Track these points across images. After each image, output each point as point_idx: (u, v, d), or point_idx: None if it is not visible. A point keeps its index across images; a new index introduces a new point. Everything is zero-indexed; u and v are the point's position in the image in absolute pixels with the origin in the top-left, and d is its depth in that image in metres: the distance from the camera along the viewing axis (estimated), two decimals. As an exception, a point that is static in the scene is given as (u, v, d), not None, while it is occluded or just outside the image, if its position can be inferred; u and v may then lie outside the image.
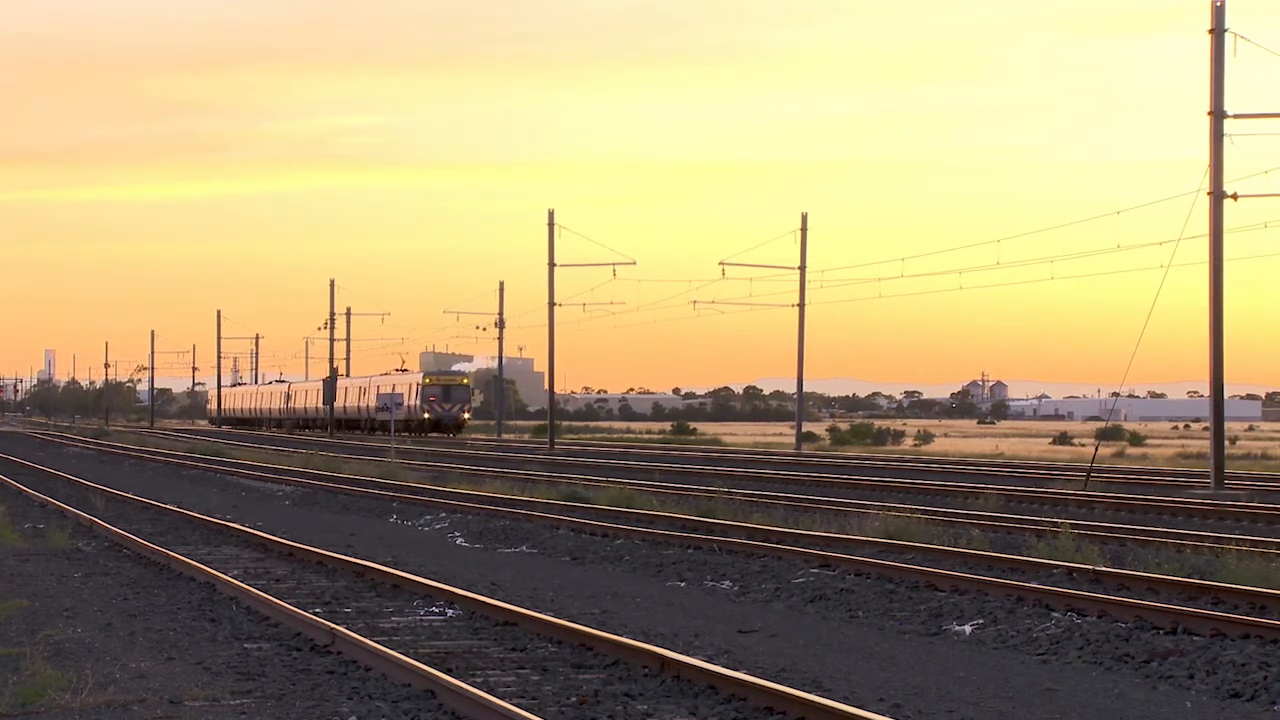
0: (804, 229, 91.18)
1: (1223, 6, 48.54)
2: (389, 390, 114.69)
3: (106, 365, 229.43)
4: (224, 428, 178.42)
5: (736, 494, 42.72)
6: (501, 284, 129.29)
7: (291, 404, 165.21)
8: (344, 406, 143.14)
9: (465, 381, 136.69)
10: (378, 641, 17.28)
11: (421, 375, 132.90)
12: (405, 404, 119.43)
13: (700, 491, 43.83)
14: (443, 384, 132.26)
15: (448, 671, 15.42)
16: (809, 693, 14.11)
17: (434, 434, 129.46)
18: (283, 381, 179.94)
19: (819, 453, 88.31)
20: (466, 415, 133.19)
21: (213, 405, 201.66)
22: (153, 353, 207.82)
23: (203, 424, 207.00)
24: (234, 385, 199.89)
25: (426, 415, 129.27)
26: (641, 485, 46.95)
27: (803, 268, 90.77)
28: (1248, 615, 19.12)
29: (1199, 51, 48.88)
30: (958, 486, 47.27)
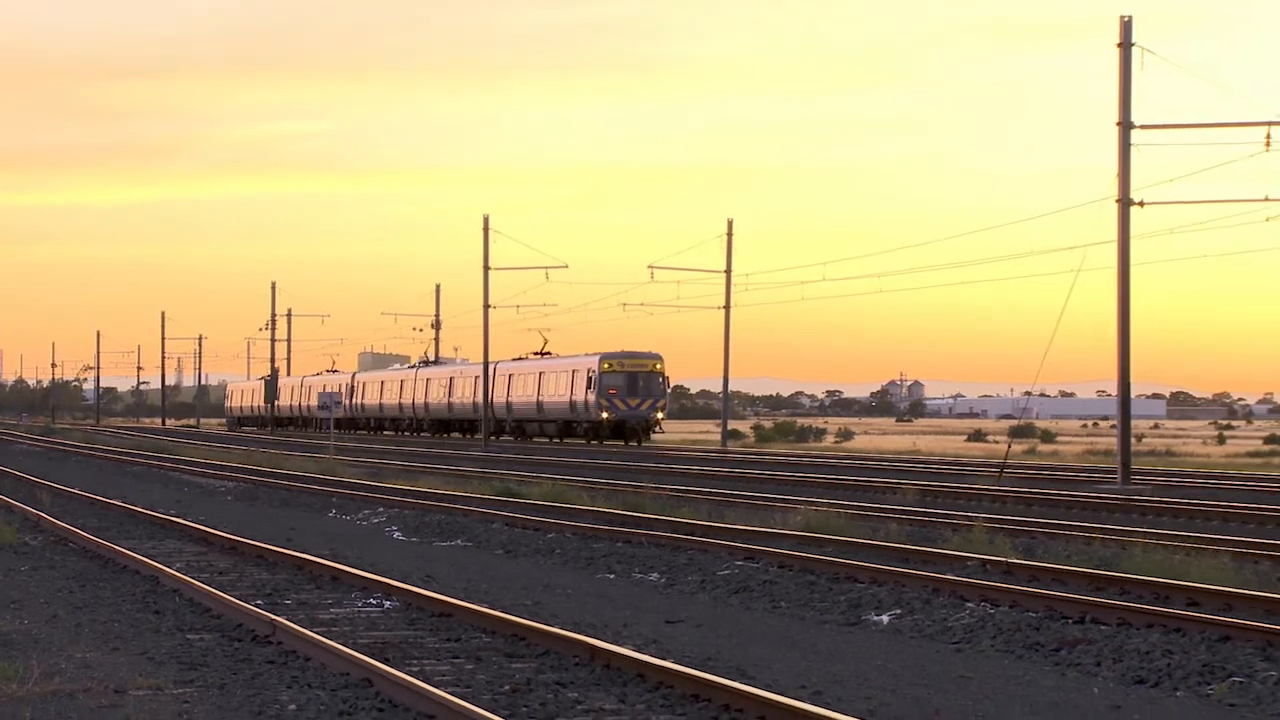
0: (730, 234, 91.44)
1: (1130, 22, 48.85)
2: (554, 376, 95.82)
3: (54, 365, 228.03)
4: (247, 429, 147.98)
5: (664, 489, 42.73)
6: (438, 287, 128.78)
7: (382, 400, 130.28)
8: (414, 403, 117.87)
9: (659, 367, 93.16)
10: (317, 632, 17.24)
11: (598, 359, 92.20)
12: (569, 399, 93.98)
13: (629, 487, 43.83)
14: (629, 370, 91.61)
15: (385, 661, 15.39)
16: (733, 680, 14.14)
17: (616, 440, 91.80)
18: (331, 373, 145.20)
19: (744, 450, 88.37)
20: (661, 415, 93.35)
21: (236, 403, 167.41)
22: (98, 353, 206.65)
23: (151, 422, 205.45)
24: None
25: (605, 415, 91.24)
26: (573, 481, 46.90)
27: (729, 271, 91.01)
28: (1152, 605, 19.24)
29: (1108, 64, 49.17)
30: (877, 482, 47.41)
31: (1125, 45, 48.72)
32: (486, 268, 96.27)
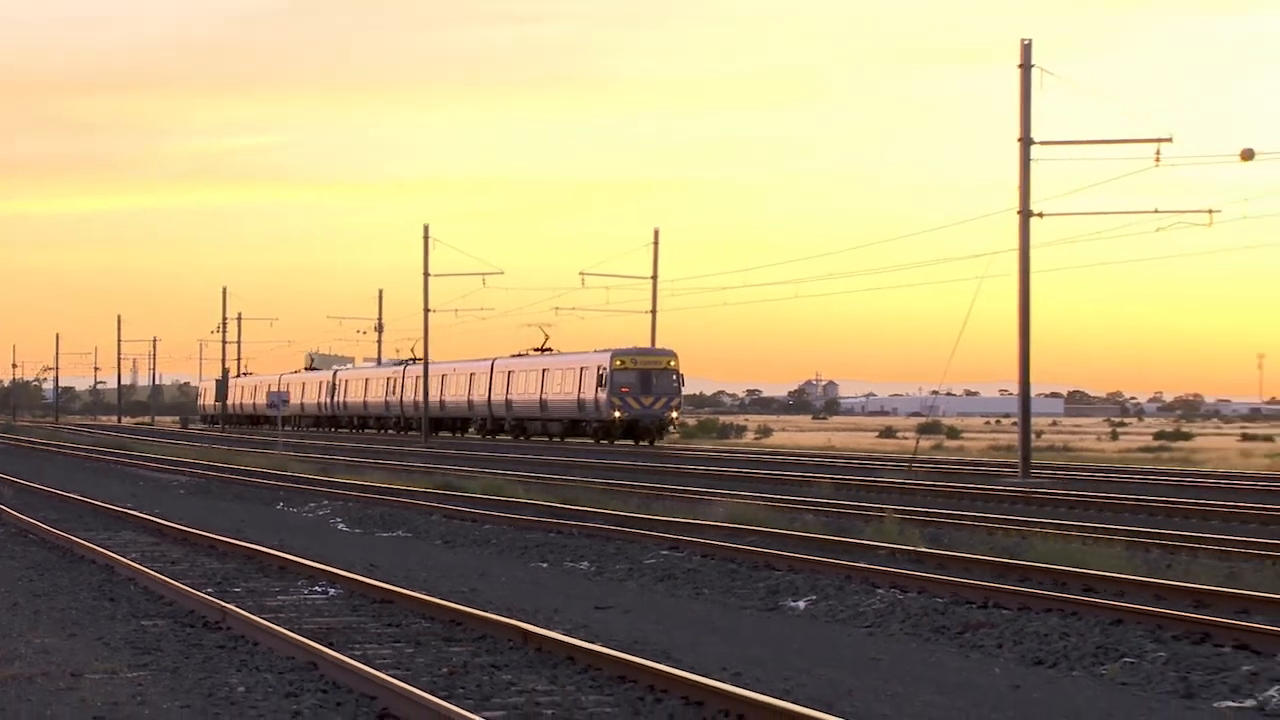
0: (656, 243, 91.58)
1: (1030, 45, 49.11)
2: (560, 373, 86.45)
3: (14, 365, 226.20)
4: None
5: (595, 483, 42.73)
6: (380, 291, 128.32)
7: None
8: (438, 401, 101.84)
9: (674, 365, 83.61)
10: (265, 618, 17.15)
11: (609, 356, 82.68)
12: (577, 397, 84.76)
13: (562, 481, 43.80)
14: (642, 368, 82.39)
15: (329, 645, 15.33)
16: (658, 663, 14.14)
17: (626, 441, 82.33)
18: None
19: (669, 446, 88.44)
20: (675, 414, 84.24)
21: (206, 400, 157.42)
22: (57, 354, 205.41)
23: (108, 419, 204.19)
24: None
25: (618, 414, 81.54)
26: (509, 475, 46.85)
27: (655, 278, 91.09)
28: (1051, 591, 19.34)
29: (1010, 85, 49.42)
30: (794, 476, 47.52)
31: (1025, 67, 48.97)
32: (426, 274, 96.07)
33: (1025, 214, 49.39)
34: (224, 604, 18.19)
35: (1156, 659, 15.16)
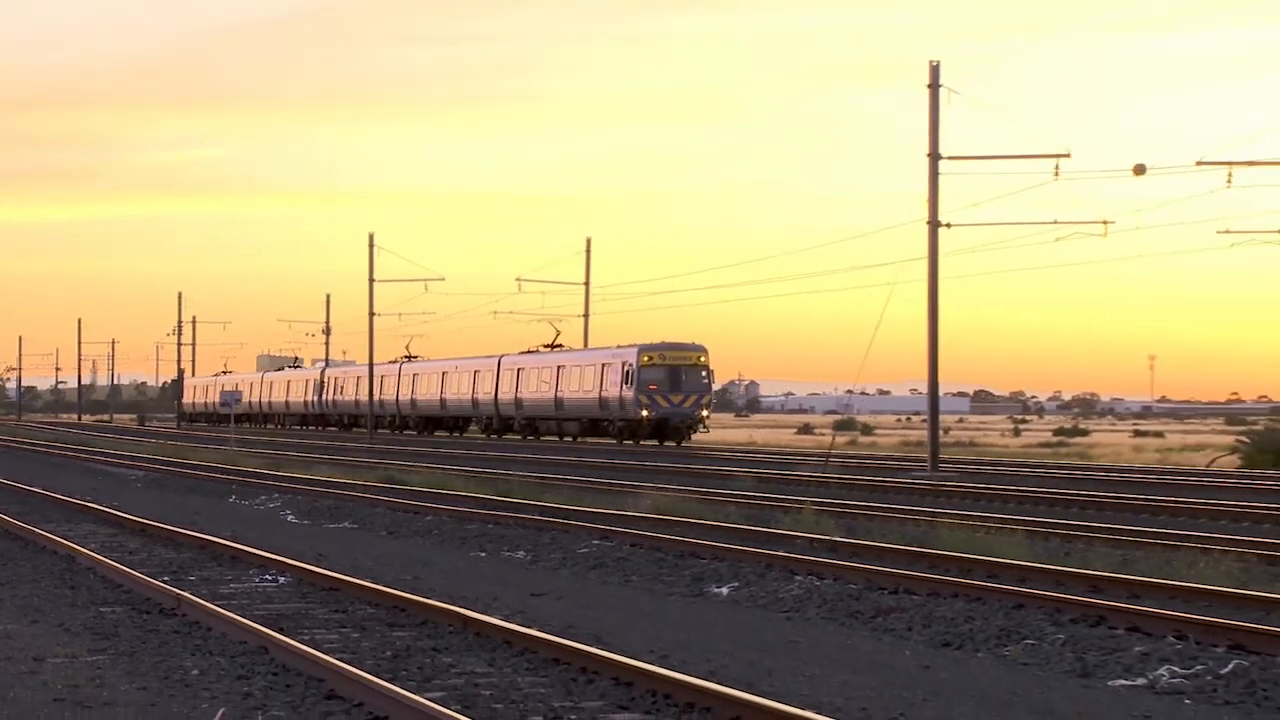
0: (588, 251, 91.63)
1: (938, 66, 49.35)
2: (579, 370, 78.23)
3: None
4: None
5: (531, 477, 42.67)
6: (328, 296, 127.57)
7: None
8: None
9: (704, 360, 74.81)
10: (218, 605, 17.06)
11: (636, 351, 73.87)
12: (598, 395, 75.93)
13: (500, 475, 43.73)
14: (670, 363, 73.55)
15: (279, 631, 15.26)
16: (590, 646, 14.13)
17: (651, 440, 73.79)
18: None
19: (602, 442, 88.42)
20: (706, 413, 74.39)
21: (190, 399, 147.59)
22: (20, 355, 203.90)
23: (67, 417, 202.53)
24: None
25: (645, 413, 72.81)
26: (450, 470, 46.73)
27: (587, 284, 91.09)
28: (957, 577, 19.42)
29: (920, 103, 49.63)
30: (717, 470, 47.58)
31: (934, 86, 49.20)
32: (371, 280, 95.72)
33: (934, 224, 49.63)
34: (179, 591, 18.07)
35: (1055, 641, 15.25)
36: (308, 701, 12.31)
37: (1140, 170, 48.18)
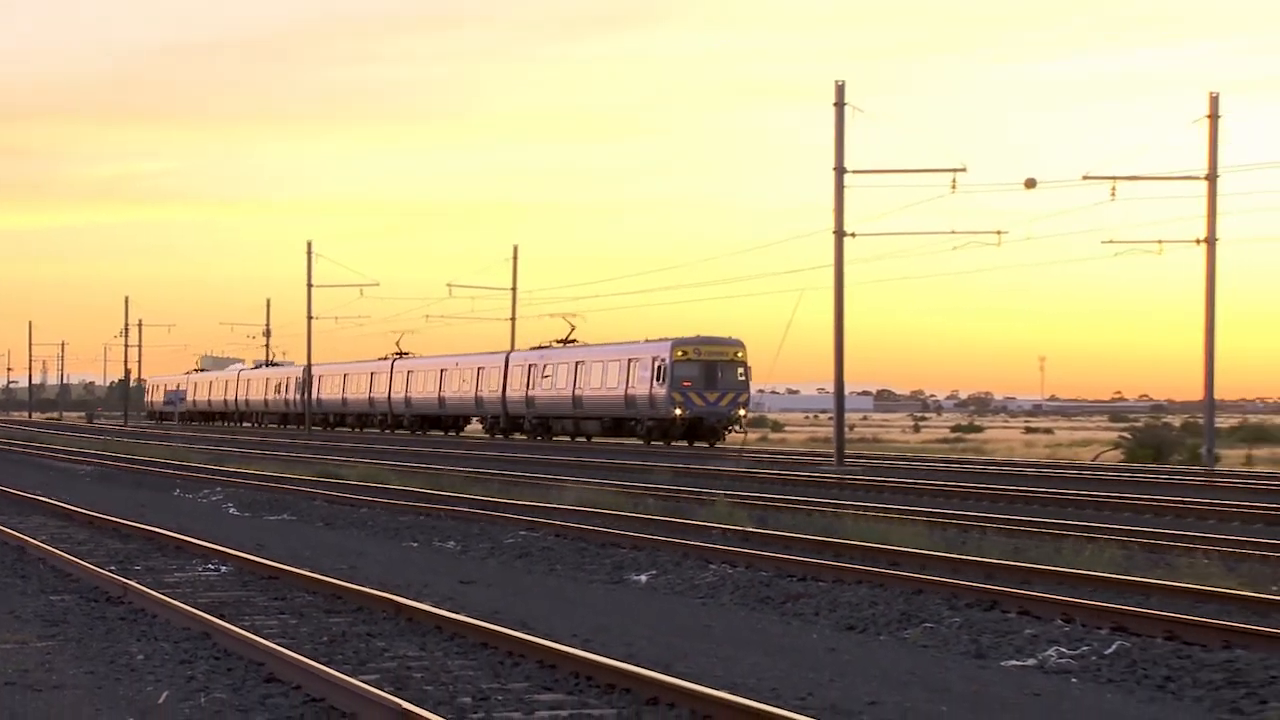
0: (515, 258, 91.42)
1: (844, 85, 49.58)
2: (601, 366, 69.19)
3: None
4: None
5: (460, 471, 42.54)
6: (268, 301, 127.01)
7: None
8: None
9: (741, 355, 65.61)
10: (163, 593, 16.91)
11: (669, 346, 65.17)
12: (624, 393, 66.92)
13: (431, 470, 43.58)
14: (706, 359, 64.86)
15: (221, 617, 15.14)
16: (516, 630, 14.10)
17: (680, 441, 65.02)
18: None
19: (529, 440, 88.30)
20: (743, 411, 65.70)
21: (155, 398, 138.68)
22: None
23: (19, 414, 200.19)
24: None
25: (679, 412, 64.00)
26: (384, 465, 46.52)
27: (514, 289, 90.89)
28: (861, 565, 19.50)
29: (826, 120, 49.82)
30: (637, 464, 47.58)
31: (840, 105, 49.42)
32: (310, 285, 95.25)
33: (840, 234, 49.83)
34: (126, 580, 17.91)
35: (952, 624, 15.33)
36: (248, 684, 12.22)
37: (1031, 184, 48.61)
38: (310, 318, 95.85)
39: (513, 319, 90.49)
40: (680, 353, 64.56)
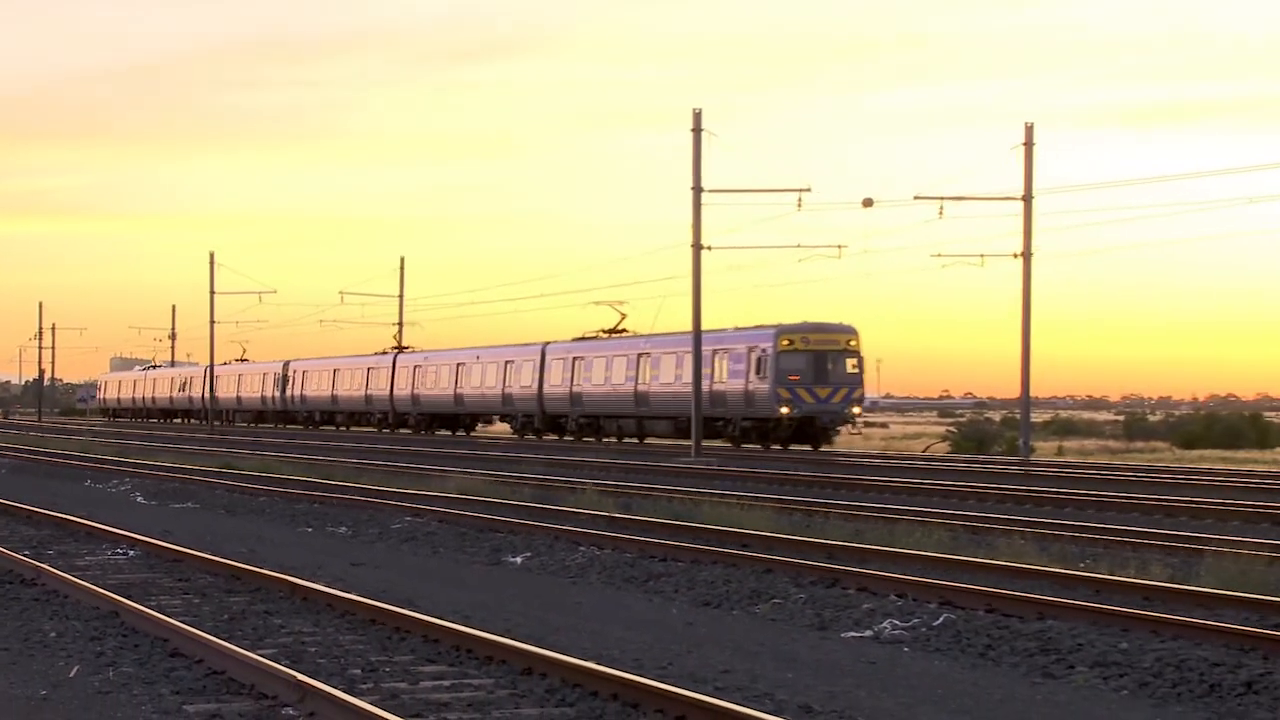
0: (402, 268, 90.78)
1: (700, 112, 49.81)
2: (675, 358, 55.25)
3: None
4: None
5: (350, 463, 42.19)
6: (174, 306, 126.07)
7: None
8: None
9: (855, 345, 53.34)
10: (74, 576, 16.61)
11: (773, 334, 52.64)
12: (710, 389, 52.93)
13: (323, 461, 43.16)
14: (815, 349, 52.49)
15: (129, 597, 14.90)
16: (403, 608, 14.01)
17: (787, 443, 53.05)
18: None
19: (414, 435, 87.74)
20: (857, 409, 53.68)
21: (106, 394, 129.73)
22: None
23: None
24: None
25: (785, 410, 51.75)
26: (280, 457, 46.00)
27: (401, 296, 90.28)
28: (716, 547, 19.57)
29: (685, 144, 50.00)
30: (514, 456, 47.45)
31: (697, 130, 49.63)
32: (212, 292, 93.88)
33: (697, 247, 50.05)
34: (39, 564, 17.56)
35: (798, 600, 15.44)
36: (154, 659, 12.04)
37: (868, 203, 49.14)
38: (213, 322, 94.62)
39: (399, 324, 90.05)
40: (786, 341, 51.74)
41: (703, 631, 13.92)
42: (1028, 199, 48.43)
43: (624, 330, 63.58)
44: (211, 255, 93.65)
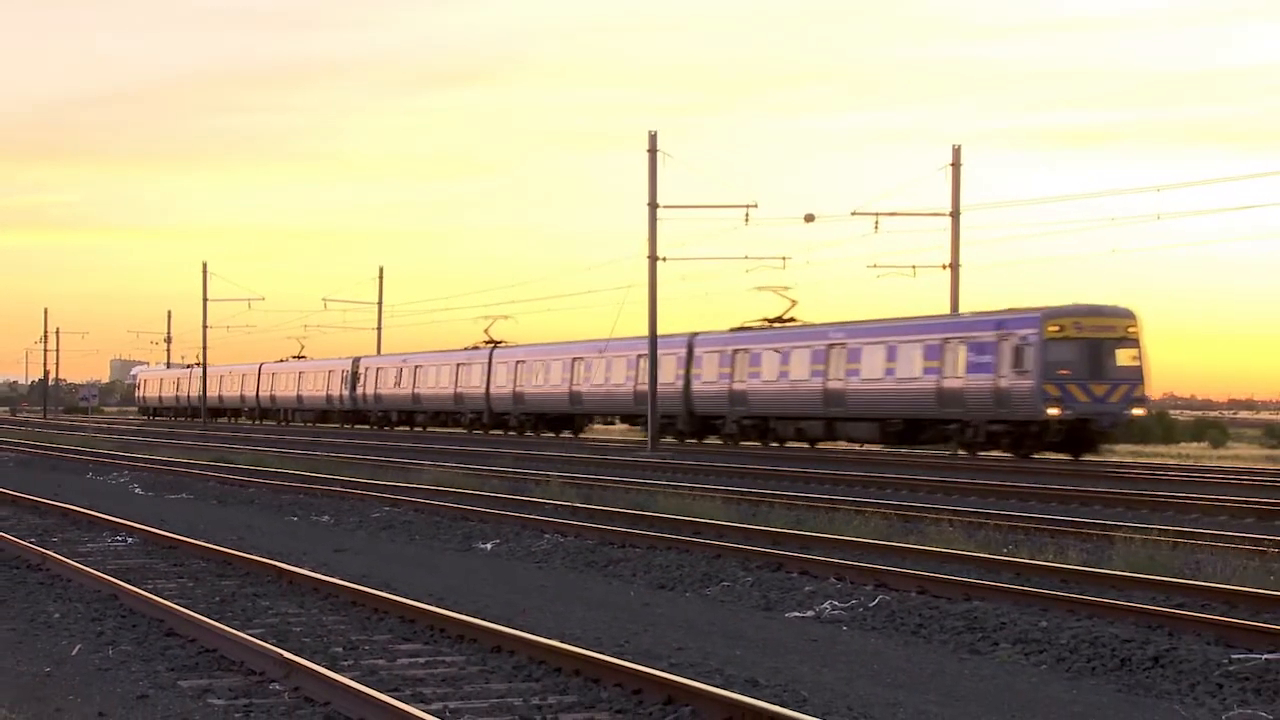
0: (381, 277, 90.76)
1: (656, 134, 49.83)
2: (904, 348, 42.28)
3: None
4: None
5: (333, 457, 42.00)
6: (169, 312, 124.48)
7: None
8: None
9: (1134, 332, 38.40)
10: (77, 561, 16.48)
11: (1039, 319, 37.99)
12: (939, 385, 40.95)
13: (309, 455, 42.95)
14: (1089, 335, 37.97)
15: (127, 581, 14.80)
16: (382, 591, 13.96)
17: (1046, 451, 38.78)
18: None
19: (391, 432, 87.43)
20: (1139, 409, 38.66)
21: (145, 393, 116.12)
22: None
23: None
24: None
25: (1054, 411, 37.49)
26: (270, 452, 45.76)
27: (380, 303, 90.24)
28: (670, 534, 19.58)
29: (642, 163, 50.02)
30: (484, 450, 47.33)
31: (652, 150, 49.63)
32: (205, 299, 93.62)
33: (653, 259, 50.06)
34: (44, 550, 17.42)
35: (746, 583, 15.46)
36: (150, 638, 11.96)
37: (810, 218, 49.29)
38: (205, 326, 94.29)
39: (379, 328, 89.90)
40: (1055, 327, 38.39)
41: (658, 612, 13.92)
42: (955, 214, 48.66)
43: (792, 319, 51.87)
44: (204, 265, 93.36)
